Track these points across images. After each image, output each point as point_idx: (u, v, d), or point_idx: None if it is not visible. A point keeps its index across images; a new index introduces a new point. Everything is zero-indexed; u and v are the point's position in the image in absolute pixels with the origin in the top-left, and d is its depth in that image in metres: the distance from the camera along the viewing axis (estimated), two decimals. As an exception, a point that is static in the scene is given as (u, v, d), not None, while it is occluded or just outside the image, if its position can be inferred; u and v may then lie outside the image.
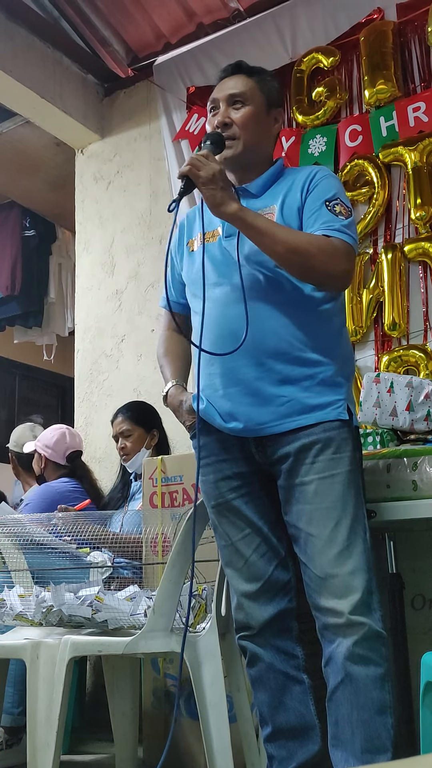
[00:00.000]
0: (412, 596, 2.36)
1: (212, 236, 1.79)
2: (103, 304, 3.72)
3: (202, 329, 1.70)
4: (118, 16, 3.65)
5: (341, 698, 1.54)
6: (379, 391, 2.37)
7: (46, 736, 1.86)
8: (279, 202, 1.74)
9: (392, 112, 2.90)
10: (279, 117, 1.85)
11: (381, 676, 1.54)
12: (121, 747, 2.33)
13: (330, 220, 1.67)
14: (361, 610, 1.53)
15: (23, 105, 3.65)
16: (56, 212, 4.94)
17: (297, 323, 1.67)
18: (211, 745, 1.81)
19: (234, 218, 1.63)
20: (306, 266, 1.64)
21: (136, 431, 2.89)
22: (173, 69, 3.58)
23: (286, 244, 1.62)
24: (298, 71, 3.15)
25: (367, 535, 1.62)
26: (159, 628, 1.82)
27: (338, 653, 1.54)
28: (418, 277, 2.79)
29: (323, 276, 1.65)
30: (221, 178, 1.63)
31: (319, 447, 1.62)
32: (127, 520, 2.67)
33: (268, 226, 1.64)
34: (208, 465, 1.75)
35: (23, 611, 2.03)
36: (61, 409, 6.45)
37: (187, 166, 1.63)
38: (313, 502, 1.60)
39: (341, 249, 1.65)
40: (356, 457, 1.67)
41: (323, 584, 1.57)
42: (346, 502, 1.60)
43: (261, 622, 1.70)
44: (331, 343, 1.70)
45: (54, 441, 3.14)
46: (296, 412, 1.64)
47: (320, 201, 1.70)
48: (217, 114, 1.79)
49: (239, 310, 1.65)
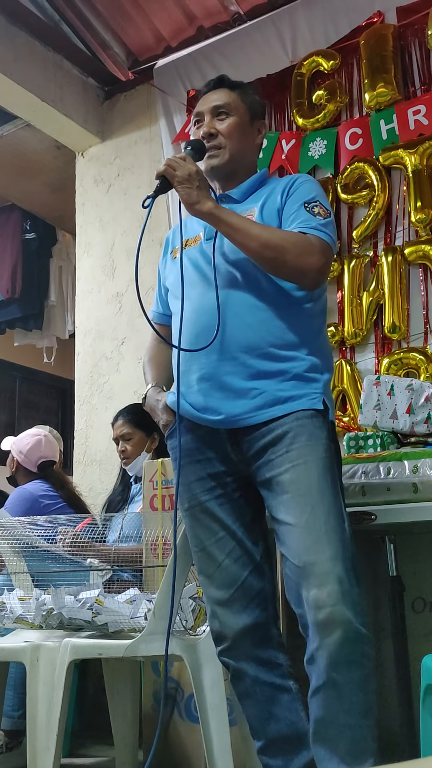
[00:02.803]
0: (412, 599, 2.36)
1: (194, 241, 1.82)
2: (104, 306, 3.72)
3: (181, 329, 1.72)
4: (118, 20, 3.66)
5: (325, 701, 1.49)
6: (380, 394, 2.37)
7: (46, 739, 1.86)
8: (259, 205, 1.77)
9: (392, 115, 2.91)
10: (262, 128, 1.90)
11: (365, 677, 1.49)
12: (121, 750, 2.33)
13: (307, 219, 1.69)
14: (343, 601, 1.46)
15: (24, 108, 3.66)
16: (57, 215, 4.94)
17: (273, 320, 1.68)
18: (211, 748, 1.80)
19: (209, 216, 1.66)
20: (279, 261, 1.64)
21: (136, 434, 2.89)
22: (174, 72, 3.59)
23: (259, 239, 1.63)
24: (298, 74, 3.16)
25: (345, 524, 1.56)
26: (159, 631, 1.82)
27: (320, 657, 1.48)
28: (419, 280, 2.79)
29: (295, 271, 1.66)
30: (197, 177, 1.67)
31: (291, 435, 1.60)
32: (127, 523, 2.67)
33: (242, 223, 1.66)
34: (182, 466, 1.72)
35: (23, 614, 2.03)
36: (62, 412, 6.45)
37: (164, 166, 1.67)
38: (290, 490, 1.57)
39: (316, 245, 1.66)
40: (331, 447, 1.64)
41: (302, 573, 1.51)
42: (322, 488, 1.56)
43: (236, 631, 1.64)
44: (308, 340, 1.70)
45: (28, 448, 3.12)
46: (269, 404, 1.63)
47: (299, 203, 1.73)
48: (202, 125, 1.83)
49: (214, 308, 1.67)
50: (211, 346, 1.66)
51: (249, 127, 1.86)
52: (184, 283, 1.75)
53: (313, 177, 2.46)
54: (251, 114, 1.86)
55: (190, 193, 1.66)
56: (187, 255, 1.81)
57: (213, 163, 1.81)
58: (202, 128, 1.83)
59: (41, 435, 3.18)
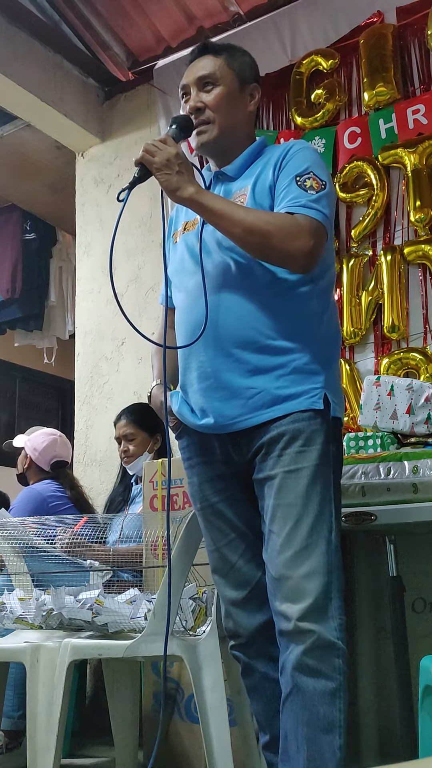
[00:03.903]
0: (412, 599, 2.36)
1: (192, 224, 1.72)
2: (104, 307, 3.72)
3: (182, 322, 1.66)
4: (118, 20, 3.66)
5: (289, 711, 1.45)
6: (380, 394, 2.37)
7: (46, 739, 1.85)
8: (251, 183, 1.66)
9: (391, 114, 2.91)
10: (255, 93, 1.75)
11: (331, 691, 1.43)
12: (122, 750, 2.33)
13: (297, 196, 1.57)
14: (312, 616, 1.43)
15: (24, 108, 3.66)
16: (57, 215, 4.94)
17: (267, 309, 1.59)
18: (211, 748, 1.80)
19: (190, 202, 1.56)
20: (264, 247, 1.54)
21: (139, 435, 2.88)
22: (174, 73, 3.58)
23: (243, 224, 1.53)
24: (297, 73, 3.16)
25: (332, 535, 1.51)
26: (159, 632, 1.82)
27: (288, 661, 1.45)
28: (418, 280, 2.79)
29: (282, 256, 1.55)
30: (177, 161, 1.55)
31: (286, 439, 1.54)
32: (128, 524, 2.67)
33: (224, 208, 1.55)
34: (192, 467, 1.70)
35: (23, 614, 2.03)
36: (62, 412, 6.45)
37: (141, 152, 1.56)
38: (277, 497, 1.52)
39: (304, 226, 1.53)
40: (328, 450, 1.56)
41: (277, 586, 1.48)
42: (310, 498, 1.50)
43: (250, 630, 1.63)
44: (306, 327, 1.60)
45: (44, 446, 3.14)
46: (266, 404, 1.56)
47: (290, 177, 1.60)
48: (189, 99, 1.70)
49: (210, 301, 1.59)
50: (206, 342, 1.59)
51: (239, 95, 1.72)
52: (182, 272, 1.68)
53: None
54: (240, 80, 1.72)
55: (170, 179, 1.54)
56: (185, 240, 1.72)
57: (203, 139, 1.69)
58: (189, 102, 1.70)
59: (56, 435, 3.21)
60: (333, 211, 1.64)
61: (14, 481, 3.34)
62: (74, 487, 3.11)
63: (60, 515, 2.80)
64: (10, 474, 3.43)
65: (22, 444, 3.21)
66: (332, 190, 1.64)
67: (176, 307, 1.75)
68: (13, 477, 3.34)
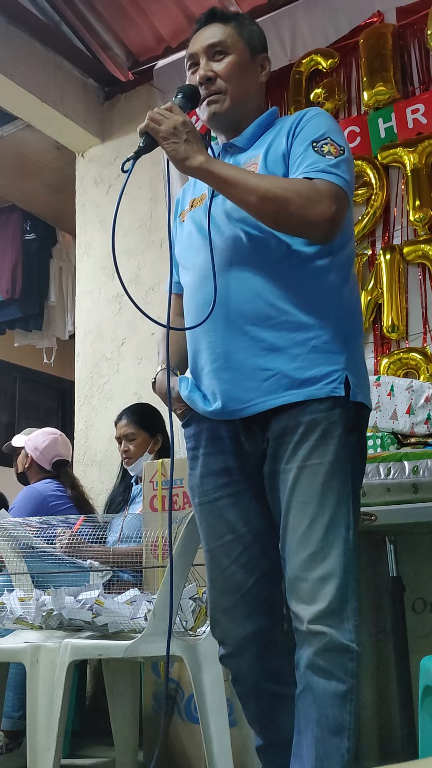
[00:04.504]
0: (412, 599, 2.36)
1: (200, 201, 1.62)
2: (104, 307, 3.72)
3: (191, 302, 1.55)
4: (118, 21, 3.66)
5: (301, 709, 1.41)
6: (380, 395, 2.37)
7: (47, 740, 1.85)
8: (263, 150, 1.57)
9: (391, 113, 2.91)
10: (265, 63, 1.69)
11: (342, 693, 1.38)
12: (122, 751, 2.33)
13: (315, 162, 1.47)
14: (325, 620, 1.37)
15: (24, 109, 3.66)
16: (57, 216, 4.94)
17: (283, 283, 1.48)
18: (211, 749, 1.80)
19: (200, 172, 1.46)
20: (282, 214, 1.44)
21: (140, 435, 2.87)
22: (174, 73, 3.59)
23: (257, 191, 1.43)
24: (296, 72, 3.16)
25: (350, 534, 1.42)
26: (159, 632, 1.82)
27: (302, 659, 1.40)
28: (417, 279, 2.79)
29: (302, 223, 1.44)
30: (185, 129, 1.45)
31: (302, 431, 1.43)
32: (128, 524, 2.66)
33: (236, 175, 1.46)
34: (196, 457, 1.57)
35: (23, 615, 2.03)
36: (62, 413, 6.45)
37: (146, 120, 1.46)
38: (291, 493, 1.43)
39: (324, 191, 1.43)
40: (347, 441, 1.45)
41: (292, 586, 1.42)
42: (326, 496, 1.41)
43: (238, 640, 1.52)
44: (326, 302, 1.49)
45: (45, 445, 3.14)
46: (282, 387, 1.45)
47: (306, 142, 1.50)
48: (198, 70, 1.59)
49: (220, 278, 1.49)
50: (216, 320, 1.48)
51: (250, 65, 1.63)
52: (189, 249, 1.58)
53: None
54: (251, 49, 1.64)
55: (177, 148, 1.44)
56: (192, 217, 1.62)
57: (214, 109, 1.59)
58: (197, 72, 1.59)
59: (57, 434, 3.21)
60: (353, 176, 1.55)
61: (13, 481, 3.34)
62: (75, 487, 3.11)
63: (60, 515, 2.80)
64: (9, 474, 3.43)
65: (21, 444, 3.21)
66: (351, 156, 1.56)
67: (184, 288, 1.64)
68: (12, 477, 3.34)
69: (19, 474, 3.23)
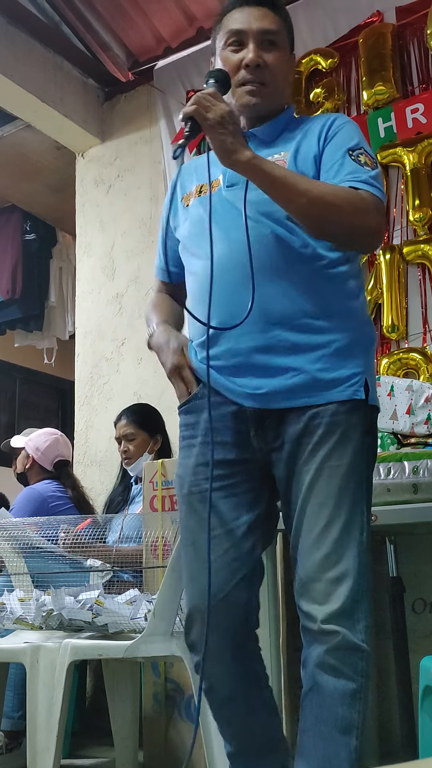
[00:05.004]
0: (412, 600, 2.36)
1: (213, 187, 1.56)
2: (104, 307, 3.73)
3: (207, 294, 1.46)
4: (118, 21, 3.66)
5: (308, 708, 1.40)
6: (380, 395, 2.37)
7: (46, 740, 1.86)
8: (292, 149, 1.54)
9: (390, 113, 2.91)
10: (294, 61, 1.66)
11: (352, 692, 1.37)
12: (122, 751, 2.33)
13: (355, 171, 1.47)
14: (338, 619, 1.37)
15: (24, 109, 3.66)
16: (57, 216, 4.94)
17: (307, 285, 1.47)
18: (211, 749, 1.80)
19: (248, 167, 1.41)
20: (330, 220, 1.43)
21: (139, 435, 2.88)
22: (174, 73, 3.59)
23: (309, 194, 1.41)
24: (296, 72, 3.16)
25: (364, 536, 1.43)
26: (159, 632, 1.82)
27: (311, 658, 1.39)
28: (417, 279, 2.79)
29: (350, 232, 1.46)
30: (231, 120, 1.40)
31: (321, 432, 1.43)
32: (128, 524, 2.67)
33: (288, 176, 1.43)
34: (192, 446, 1.52)
35: (23, 615, 2.03)
36: (62, 413, 6.45)
37: (192, 105, 1.39)
38: (307, 494, 1.42)
39: (371, 202, 1.44)
40: (365, 443, 1.47)
41: (304, 587, 1.41)
42: (342, 498, 1.41)
43: (213, 644, 1.42)
44: (346, 308, 1.50)
45: (46, 445, 3.14)
46: (306, 387, 1.43)
47: (342, 150, 1.50)
48: (243, 50, 1.53)
49: (243, 273, 1.43)
50: (231, 306, 1.44)
51: (288, 62, 1.60)
52: (201, 236, 1.51)
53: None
54: (291, 46, 1.61)
55: (225, 140, 1.38)
56: (202, 204, 1.55)
57: (254, 100, 1.53)
58: (244, 53, 1.52)
59: (58, 434, 3.22)
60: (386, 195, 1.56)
61: (13, 482, 3.34)
62: (76, 488, 3.11)
63: (61, 515, 2.80)
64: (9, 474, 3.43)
65: (21, 444, 3.21)
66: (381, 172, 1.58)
67: (191, 274, 1.59)
68: (12, 477, 3.34)
69: (19, 475, 3.23)
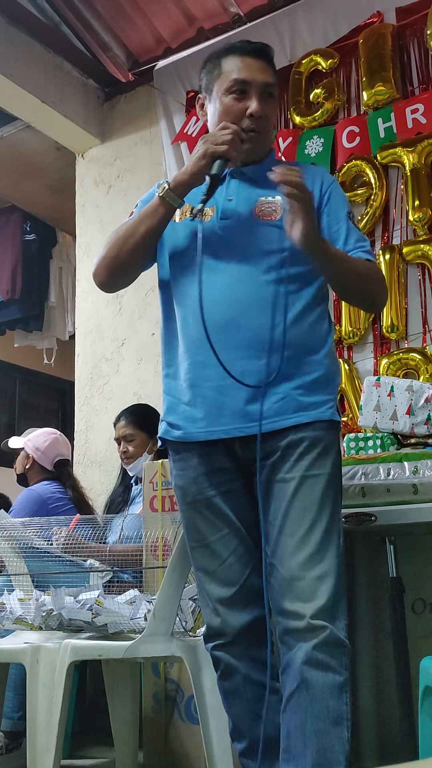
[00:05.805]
0: (412, 600, 2.36)
1: (204, 215, 1.64)
2: (104, 308, 3.73)
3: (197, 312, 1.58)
4: (118, 21, 3.66)
5: (295, 706, 1.46)
6: (380, 395, 2.37)
7: (46, 740, 1.86)
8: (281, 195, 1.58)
9: (390, 113, 2.91)
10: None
11: (339, 685, 1.46)
12: (122, 751, 2.33)
13: (359, 239, 1.68)
14: (323, 615, 1.46)
15: (24, 109, 3.66)
16: (57, 216, 4.95)
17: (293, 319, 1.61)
18: (211, 749, 1.80)
19: (318, 249, 1.55)
20: (369, 293, 1.69)
21: (138, 436, 2.88)
22: (174, 74, 3.59)
23: (357, 270, 1.63)
24: (296, 73, 3.17)
25: (340, 540, 1.57)
26: (159, 633, 1.82)
27: (297, 657, 1.46)
28: (417, 279, 2.79)
29: (375, 301, 1.73)
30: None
31: (306, 445, 1.57)
32: (128, 525, 2.66)
33: (343, 255, 1.62)
34: (186, 459, 1.68)
35: (23, 615, 2.03)
36: (62, 413, 6.45)
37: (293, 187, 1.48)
38: (292, 500, 1.55)
39: (381, 274, 1.77)
40: (338, 459, 1.64)
41: (288, 586, 1.50)
42: (324, 504, 1.55)
43: (237, 629, 1.61)
44: (323, 343, 1.66)
45: (46, 445, 3.13)
46: (291, 409, 1.59)
47: (343, 213, 1.69)
48: (245, 100, 1.64)
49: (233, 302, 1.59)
50: (229, 342, 1.57)
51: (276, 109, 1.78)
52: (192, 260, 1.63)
53: None
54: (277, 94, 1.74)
55: (312, 224, 1.51)
56: (190, 227, 1.66)
57: (249, 146, 1.64)
58: (247, 103, 1.63)
59: (57, 434, 3.21)
60: None
61: (13, 482, 3.34)
62: (76, 488, 3.11)
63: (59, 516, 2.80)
64: (9, 474, 3.43)
65: (20, 445, 3.20)
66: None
67: (182, 292, 1.68)
68: (12, 477, 3.34)
69: (20, 476, 3.23)
